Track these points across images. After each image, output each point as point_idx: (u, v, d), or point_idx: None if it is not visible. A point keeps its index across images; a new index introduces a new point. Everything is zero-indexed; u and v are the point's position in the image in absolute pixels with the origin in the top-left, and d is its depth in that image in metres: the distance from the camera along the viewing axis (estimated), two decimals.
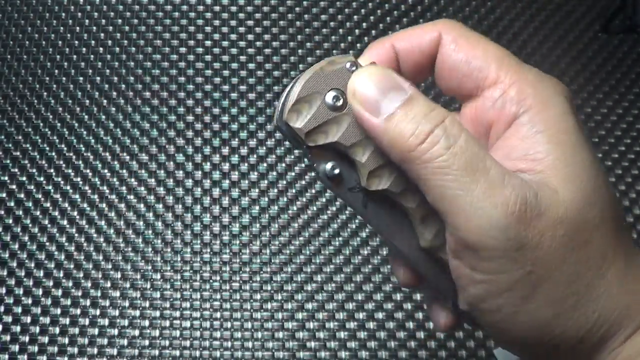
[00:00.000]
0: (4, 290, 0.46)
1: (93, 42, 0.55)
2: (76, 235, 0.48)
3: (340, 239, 0.48)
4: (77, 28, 0.56)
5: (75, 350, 0.44)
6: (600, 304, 0.20)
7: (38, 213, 0.48)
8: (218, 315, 0.46)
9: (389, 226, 0.25)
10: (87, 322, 0.45)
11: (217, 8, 0.57)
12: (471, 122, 0.23)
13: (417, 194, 0.23)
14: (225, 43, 0.56)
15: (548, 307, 0.20)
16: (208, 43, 0.56)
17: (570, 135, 0.20)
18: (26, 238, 0.48)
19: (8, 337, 0.45)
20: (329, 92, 0.23)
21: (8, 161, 0.50)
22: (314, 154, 0.23)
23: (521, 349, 0.22)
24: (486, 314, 0.21)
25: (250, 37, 0.56)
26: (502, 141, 0.21)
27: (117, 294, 0.46)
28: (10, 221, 0.48)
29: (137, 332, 0.45)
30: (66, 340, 0.45)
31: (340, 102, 0.23)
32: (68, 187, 0.49)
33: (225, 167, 0.51)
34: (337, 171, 0.23)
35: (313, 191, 0.50)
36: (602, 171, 0.21)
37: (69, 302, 0.46)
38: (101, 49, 0.55)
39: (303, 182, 0.50)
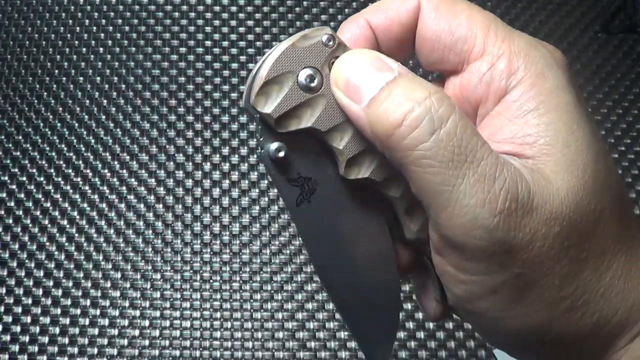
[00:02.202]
0: (4, 290, 0.46)
1: (93, 42, 0.55)
2: (76, 235, 0.48)
3: None
4: (77, 28, 0.56)
5: (75, 350, 0.44)
6: (600, 305, 0.18)
7: (38, 213, 0.48)
8: (218, 315, 0.46)
9: (315, 236, 0.21)
10: (87, 322, 0.45)
11: (217, 8, 0.57)
12: (455, 100, 0.20)
13: (402, 182, 0.20)
14: (225, 43, 0.56)
15: (539, 311, 0.18)
16: (208, 43, 0.56)
17: (564, 113, 0.18)
18: (26, 238, 0.48)
19: (8, 337, 0.45)
20: (302, 71, 0.20)
21: (8, 161, 0.50)
22: (265, 135, 0.20)
23: (514, 351, 0.20)
24: (471, 315, 0.19)
25: (250, 37, 0.56)
26: (488, 119, 0.19)
27: (117, 294, 0.46)
28: (10, 221, 0.48)
29: (137, 332, 0.45)
30: (66, 340, 0.45)
31: (315, 82, 0.20)
32: (68, 187, 0.49)
33: (225, 167, 0.51)
34: (281, 154, 0.20)
35: None
36: (604, 152, 0.18)
37: (69, 302, 0.46)
38: (101, 49, 0.55)
39: None
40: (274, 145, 0.20)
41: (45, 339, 0.45)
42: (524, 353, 0.20)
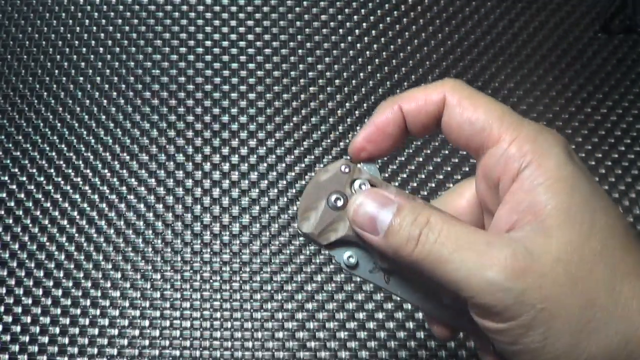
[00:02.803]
0: (4, 290, 0.46)
1: (93, 42, 0.55)
2: (76, 235, 0.48)
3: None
4: (77, 28, 0.56)
5: (75, 350, 0.44)
6: (621, 326, 0.22)
7: (38, 213, 0.48)
8: (218, 315, 0.46)
9: (414, 293, 0.27)
10: (87, 322, 0.45)
11: (217, 8, 0.57)
12: (483, 177, 0.25)
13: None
14: (225, 43, 0.56)
15: (568, 337, 0.22)
16: (208, 43, 0.56)
17: (566, 183, 0.22)
18: (26, 238, 0.48)
19: (8, 337, 0.45)
20: (331, 196, 0.27)
21: (8, 161, 0.50)
22: (330, 249, 0.27)
23: None
24: (518, 354, 0.23)
25: (250, 37, 0.56)
26: (509, 195, 0.24)
27: (117, 294, 0.46)
28: (10, 221, 0.48)
29: (137, 332, 0.45)
30: (66, 340, 0.45)
31: (342, 202, 0.26)
32: (68, 187, 0.49)
33: (225, 167, 0.51)
34: (353, 260, 0.27)
35: None
36: (606, 207, 0.23)
37: (69, 302, 0.46)
38: (101, 49, 0.55)
39: (303, 182, 0.50)
40: (345, 256, 0.27)
41: (45, 339, 0.45)
42: None
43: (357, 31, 0.57)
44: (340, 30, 0.57)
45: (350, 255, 0.27)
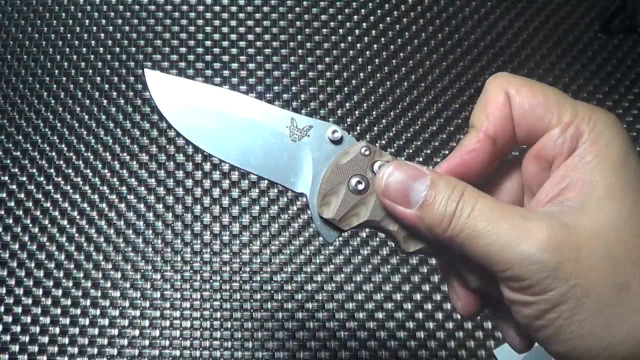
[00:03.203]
0: (4, 290, 0.46)
1: (93, 42, 0.55)
2: (76, 235, 0.48)
3: (341, 239, 0.48)
4: (77, 28, 0.56)
5: (75, 350, 0.44)
6: None
7: (38, 213, 0.48)
8: (218, 315, 0.46)
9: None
10: (87, 322, 0.45)
11: (217, 8, 0.57)
12: (535, 158, 0.25)
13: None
14: (225, 43, 0.56)
15: (596, 317, 0.21)
16: (208, 43, 0.56)
17: (614, 162, 0.22)
18: (26, 238, 0.48)
19: (8, 337, 0.45)
20: (351, 179, 0.26)
21: (8, 161, 0.50)
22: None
23: (579, 357, 0.23)
24: (540, 330, 0.23)
25: (250, 37, 0.56)
26: (556, 172, 0.24)
27: (117, 294, 0.46)
28: (10, 221, 0.48)
29: (137, 332, 0.45)
30: (66, 340, 0.45)
31: (363, 185, 0.25)
32: (68, 187, 0.49)
33: (225, 167, 0.51)
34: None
35: None
36: None
37: (69, 302, 0.46)
38: (101, 49, 0.55)
39: None
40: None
41: (45, 339, 0.45)
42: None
43: (357, 31, 0.57)
44: (340, 30, 0.57)
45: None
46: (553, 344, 0.23)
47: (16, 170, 0.50)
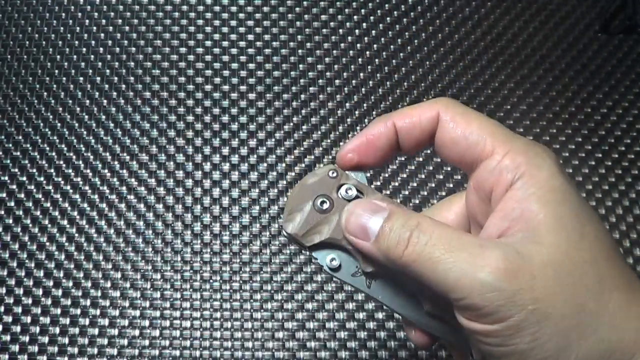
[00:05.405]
0: (4, 290, 0.46)
1: (93, 42, 0.55)
2: (76, 235, 0.48)
3: None
4: (77, 28, 0.56)
5: (75, 350, 0.44)
6: (607, 333, 0.22)
7: (38, 213, 0.48)
8: (218, 315, 0.46)
9: (394, 299, 0.27)
10: (87, 322, 0.45)
11: (217, 8, 0.57)
12: (475, 189, 0.26)
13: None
14: (225, 43, 0.56)
15: (557, 339, 0.22)
16: (208, 43, 0.56)
17: (558, 194, 0.23)
18: (26, 238, 0.48)
19: (8, 337, 0.45)
20: (317, 199, 0.27)
21: (8, 161, 0.50)
22: (313, 250, 0.27)
23: None
24: (502, 357, 0.23)
25: (250, 37, 0.56)
26: (501, 204, 0.24)
27: (117, 294, 0.46)
28: (10, 221, 0.48)
29: (137, 332, 0.45)
30: (66, 340, 0.45)
31: (327, 205, 0.27)
32: (68, 187, 0.49)
33: (225, 167, 0.51)
34: (335, 262, 0.27)
35: None
36: (594, 220, 0.24)
37: (69, 302, 0.46)
38: (101, 49, 0.55)
39: None
40: (328, 259, 0.27)
41: (45, 339, 0.45)
42: None
43: (357, 31, 0.57)
44: (340, 30, 0.57)
45: (333, 258, 0.27)
46: None
47: (16, 170, 0.50)
